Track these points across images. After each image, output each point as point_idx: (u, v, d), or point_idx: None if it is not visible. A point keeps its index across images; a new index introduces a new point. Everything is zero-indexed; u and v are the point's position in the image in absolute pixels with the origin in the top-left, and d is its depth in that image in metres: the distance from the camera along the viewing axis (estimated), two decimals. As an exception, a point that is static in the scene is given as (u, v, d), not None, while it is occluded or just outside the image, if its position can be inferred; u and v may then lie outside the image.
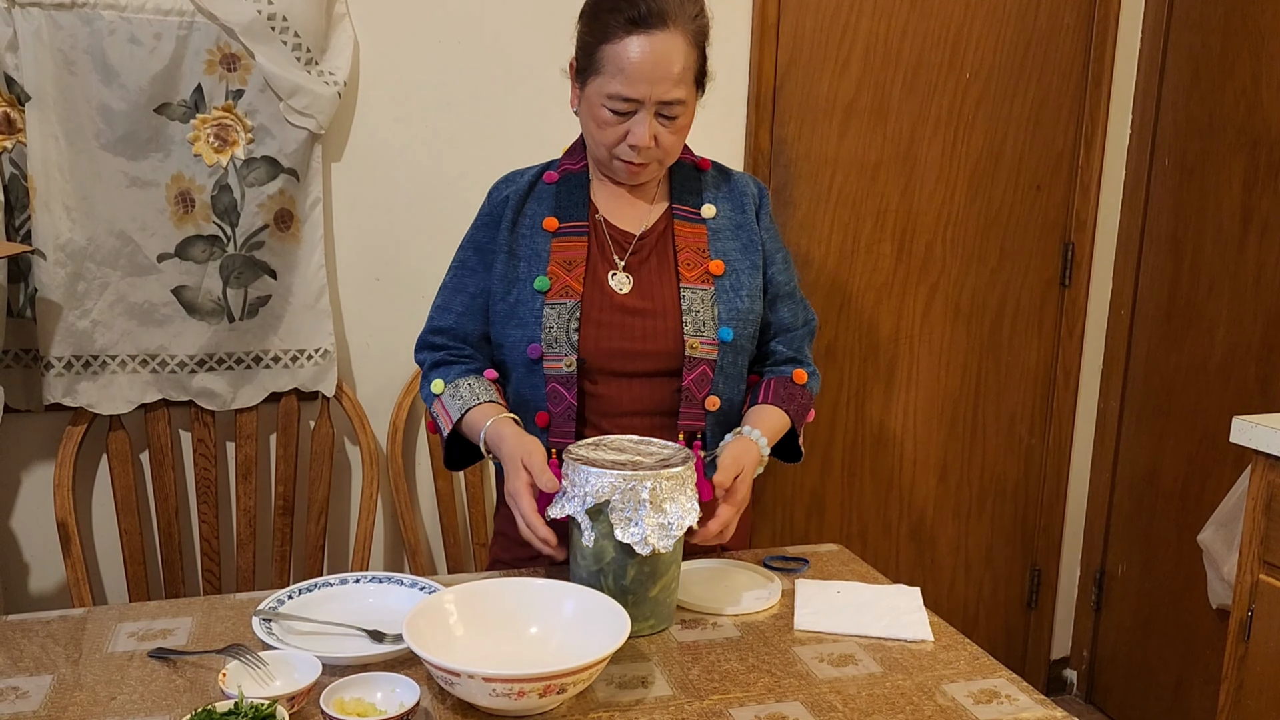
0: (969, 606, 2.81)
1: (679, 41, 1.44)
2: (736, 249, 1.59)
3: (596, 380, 1.52)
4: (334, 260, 2.15)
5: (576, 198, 1.58)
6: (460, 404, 1.51)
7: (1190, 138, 2.48)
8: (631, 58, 1.42)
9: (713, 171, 1.65)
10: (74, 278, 1.93)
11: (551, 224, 1.55)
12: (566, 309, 1.50)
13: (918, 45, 2.45)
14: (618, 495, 1.27)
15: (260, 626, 1.29)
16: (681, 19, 1.44)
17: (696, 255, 1.56)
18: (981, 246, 2.61)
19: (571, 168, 1.61)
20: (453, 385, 1.54)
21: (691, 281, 1.54)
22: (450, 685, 1.12)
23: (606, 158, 1.53)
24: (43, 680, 1.21)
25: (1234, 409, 2.16)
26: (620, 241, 1.57)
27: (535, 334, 1.50)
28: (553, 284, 1.51)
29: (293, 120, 1.99)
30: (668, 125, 1.48)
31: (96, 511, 2.12)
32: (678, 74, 1.44)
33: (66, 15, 1.85)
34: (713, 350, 1.53)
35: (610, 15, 1.44)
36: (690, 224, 1.59)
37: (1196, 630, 2.47)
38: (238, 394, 2.08)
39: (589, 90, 1.49)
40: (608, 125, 1.48)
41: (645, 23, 1.42)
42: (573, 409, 1.50)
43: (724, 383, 1.56)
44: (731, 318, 1.54)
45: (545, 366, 1.50)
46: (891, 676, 1.26)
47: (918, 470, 2.69)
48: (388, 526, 2.29)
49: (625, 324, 1.52)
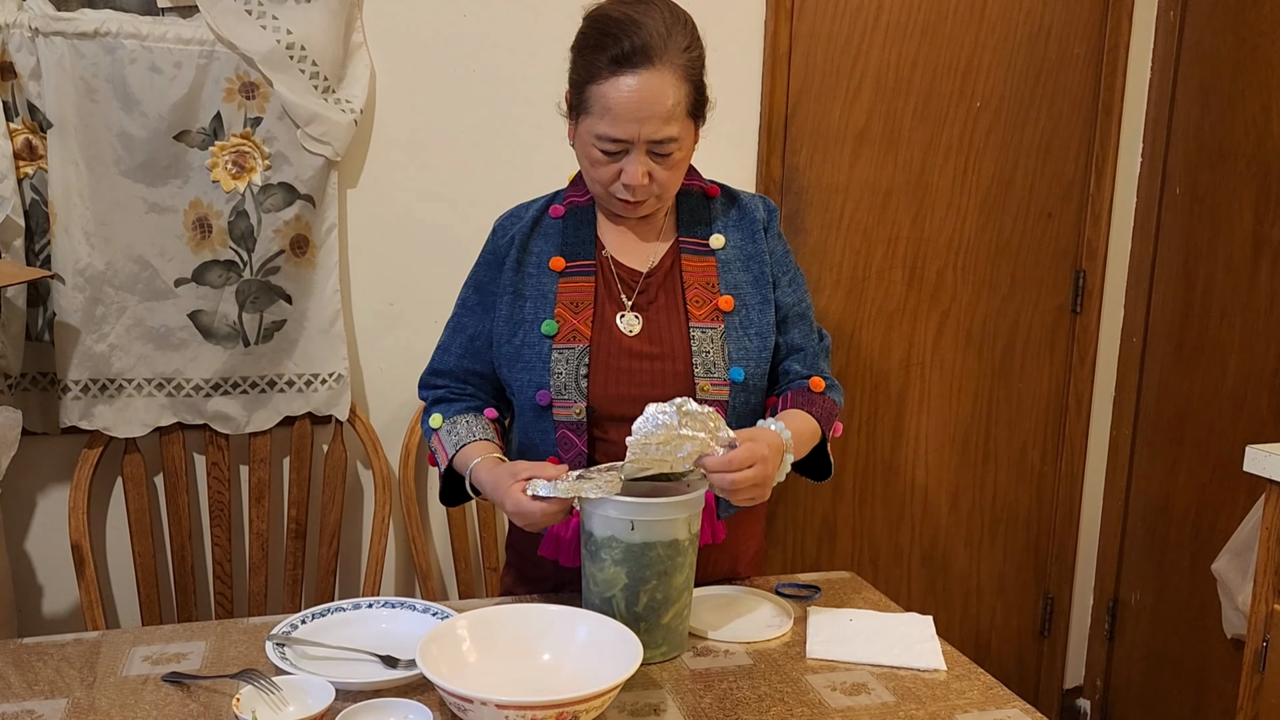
0: (981, 634, 2.80)
1: (667, 78, 1.39)
2: (747, 281, 1.55)
3: (605, 426, 1.50)
4: (349, 285, 2.17)
5: (583, 235, 1.55)
6: (456, 440, 1.51)
7: (1201, 167, 2.48)
8: (617, 98, 1.38)
9: (721, 198, 1.60)
10: (92, 302, 1.95)
11: (558, 264, 1.52)
12: (575, 354, 1.48)
13: (929, 74, 2.47)
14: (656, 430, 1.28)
15: (274, 651, 1.30)
16: (669, 54, 1.39)
17: (705, 291, 1.52)
18: (992, 274, 2.62)
19: (578, 200, 1.57)
20: (450, 421, 1.54)
21: (701, 320, 1.51)
22: (463, 712, 1.12)
23: (604, 195, 1.50)
24: (57, 704, 1.22)
25: (1247, 438, 2.16)
26: (627, 280, 1.54)
27: (543, 379, 1.48)
28: (560, 328, 1.49)
29: (309, 147, 2.01)
30: (661, 162, 1.44)
31: (111, 534, 2.13)
32: (667, 111, 1.39)
33: (89, 44, 1.87)
34: (724, 391, 1.49)
35: (595, 54, 1.40)
36: (698, 257, 1.55)
37: (1211, 660, 2.45)
38: (252, 418, 2.09)
39: (581, 128, 1.45)
40: (600, 164, 1.45)
41: (630, 61, 1.37)
42: (584, 455, 1.48)
43: (736, 424, 1.51)
44: (742, 357, 1.51)
45: (554, 413, 1.48)
46: (904, 706, 1.26)
47: (929, 497, 2.68)
48: (400, 551, 2.29)
49: (634, 369, 1.49)
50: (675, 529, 1.31)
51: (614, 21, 1.40)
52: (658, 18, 1.40)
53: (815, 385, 1.57)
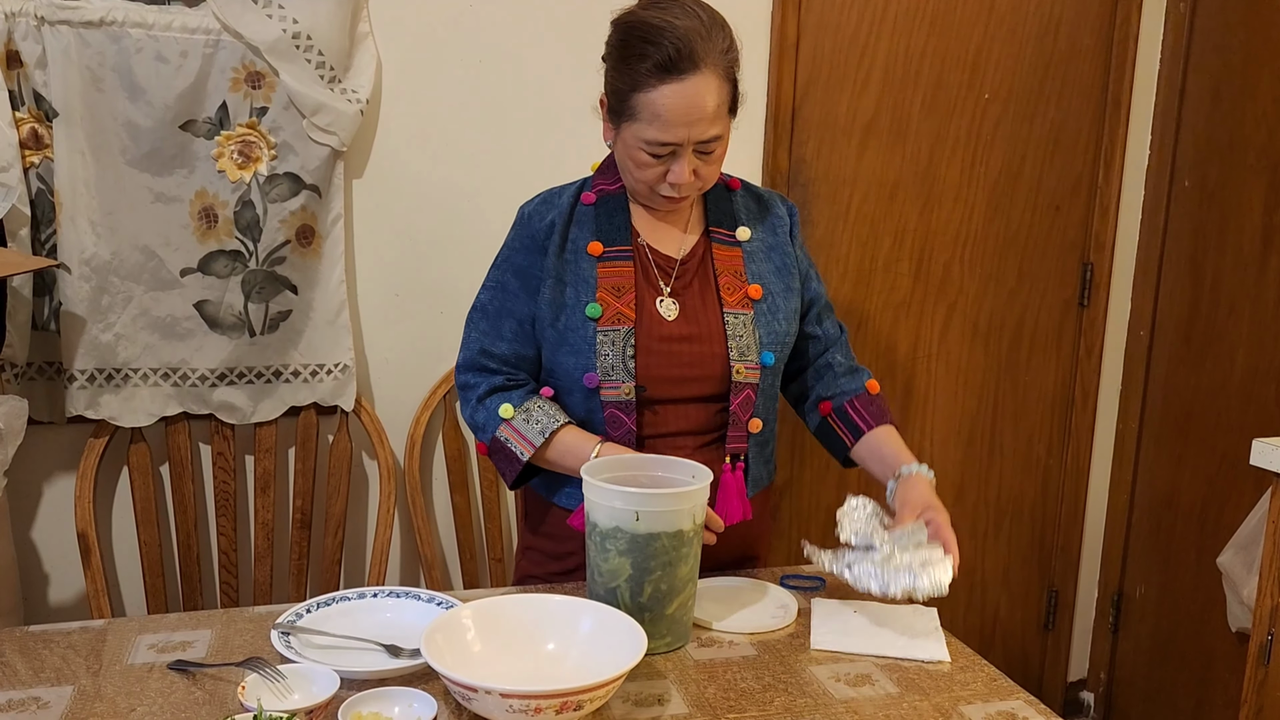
0: (985, 627, 2.79)
1: (711, 80, 1.41)
2: (771, 271, 1.61)
3: (649, 405, 1.53)
4: (354, 276, 2.17)
5: (618, 221, 1.57)
6: (540, 428, 1.51)
7: (1210, 160, 2.47)
8: (666, 105, 1.40)
9: (742, 191, 1.66)
10: (98, 292, 1.96)
11: (596, 248, 1.54)
12: (620, 336, 1.50)
13: (937, 66, 2.46)
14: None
15: (279, 640, 1.30)
16: (712, 56, 1.41)
17: (735, 279, 1.57)
18: (1000, 266, 2.61)
19: (608, 188, 1.59)
20: (523, 410, 1.54)
21: (733, 306, 1.55)
22: (467, 701, 1.12)
23: (647, 193, 1.53)
24: (64, 691, 1.22)
25: (1254, 431, 2.15)
26: (663, 266, 1.57)
27: (590, 362, 1.51)
28: (604, 310, 1.51)
29: (315, 137, 2.01)
30: (705, 159, 1.47)
31: (116, 523, 2.14)
32: (713, 112, 1.43)
33: (95, 33, 1.87)
34: (755, 374, 1.55)
35: (638, 62, 1.41)
36: (727, 247, 1.59)
37: (1215, 653, 2.45)
38: (257, 408, 2.10)
39: (625, 134, 1.47)
40: (647, 166, 1.47)
41: (675, 68, 1.39)
42: (632, 433, 1.52)
43: (764, 405, 1.59)
44: (772, 341, 1.57)
45: (602, 393, 1.51)
46: (908, 697, 1.26)
47: (935, 489, 2.67)
48: (404, 541, 2.29)
49: (675, 350, 1.53)
50: (680, 520, 1.31)
51: (652, 28, 1.40)
52: (694, 20, 1.41)
53: (873, 389, 1.67)
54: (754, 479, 1.61)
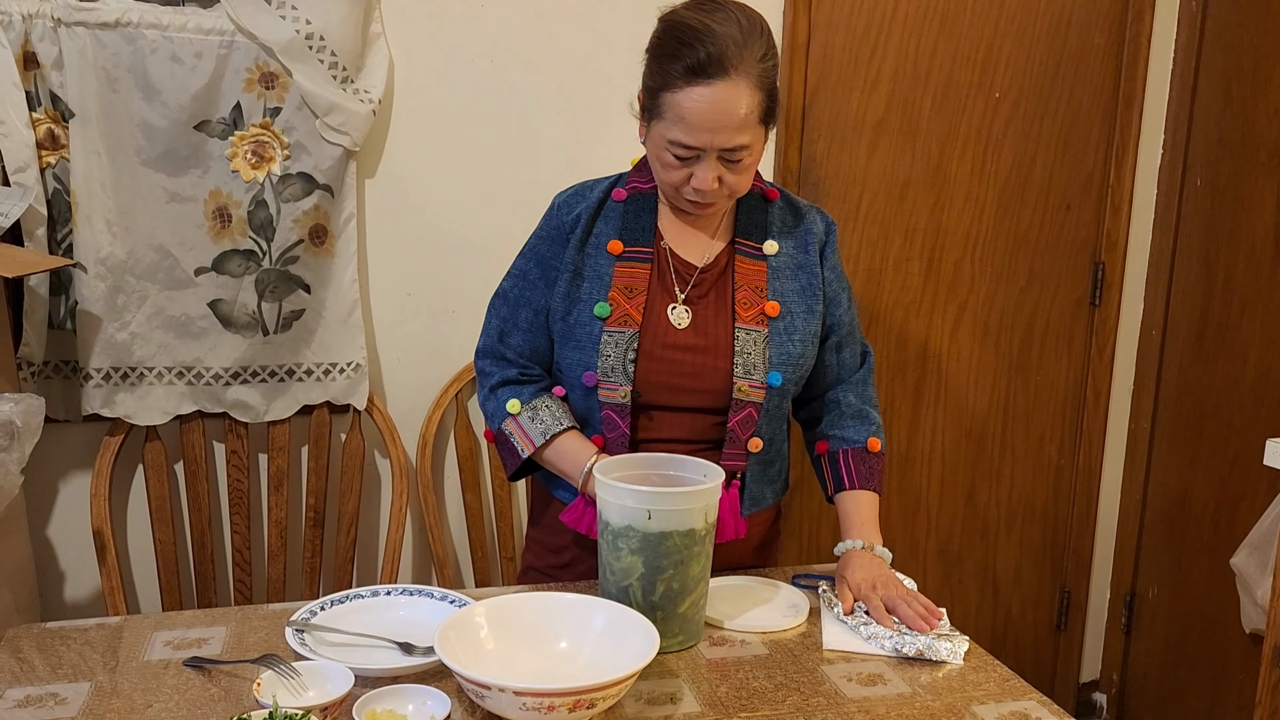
0: (997, 628, 2.79)
1: (742, 88, 1.38)
2: (794, 290, 1.56)
3: (646, 410, 1.53)
4: (366, 275, 2.18)
5: (644, 222, 1.55)
6: (543, 429, 1.52)
7: (1222, 158, 2.46)
8: (691, 108, 1.38)
9: (780, 203, 1.60)
10: (114, 291, 1.97)
11: (616, 247, 1.53)
12: (624, 338, 1.49)
13: (947, 64, 2.46)
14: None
15: (293, 637, 1.31)
16: (746, 63, 1.38)
17: (754, 294, 1.53)
18: (1011, 265, 2.60)
19: (641, 186, 1.57)
20: (530, 407, 1.54)
21: (747, 322, 1.52)
22: (481, 698, 1.13)
23: (673, 194, 1.51)
24: (81, 687, 1.23)
25: (1267, 431, 2.14)
26: (682, 272, 1.55)
27: (591, 360, 1.50)
28: (613, 310, 1.50)
29: (328, 137, 2.02)
30: (732, 168, 1.44)
31: (131, 521, 2.15)
32: (740, 121, 1.39)
33: (110, 34, 1.89)
34: (760, 394, 1.51)
35: (670, 61, 1.39)
36: (751, 260, 1.56)
37: (1229, 655, 2.44)
38: (271, 406, 2.11)
39: (653, 131, 1.45)
40: (672, 168, 1.45)
41: (705, 72, 1.36)
42: (626, 437, 1.51)
43: (767, 425, 1.56)
44: (782, 362, 1.53)
45: (600, 394, 1.50)
46: (921, 697, 1.26)
47: (945, 490, 2.68)
48: (416, 539, 2.30)
49: (678, 359, 1.51)
50: (692, 518, 1.31)
51: (690, 30, 1.38)
52: (733, 26, 1.38)
53: (873, 446, 1.62)
54: (752, 497, 1.59)
